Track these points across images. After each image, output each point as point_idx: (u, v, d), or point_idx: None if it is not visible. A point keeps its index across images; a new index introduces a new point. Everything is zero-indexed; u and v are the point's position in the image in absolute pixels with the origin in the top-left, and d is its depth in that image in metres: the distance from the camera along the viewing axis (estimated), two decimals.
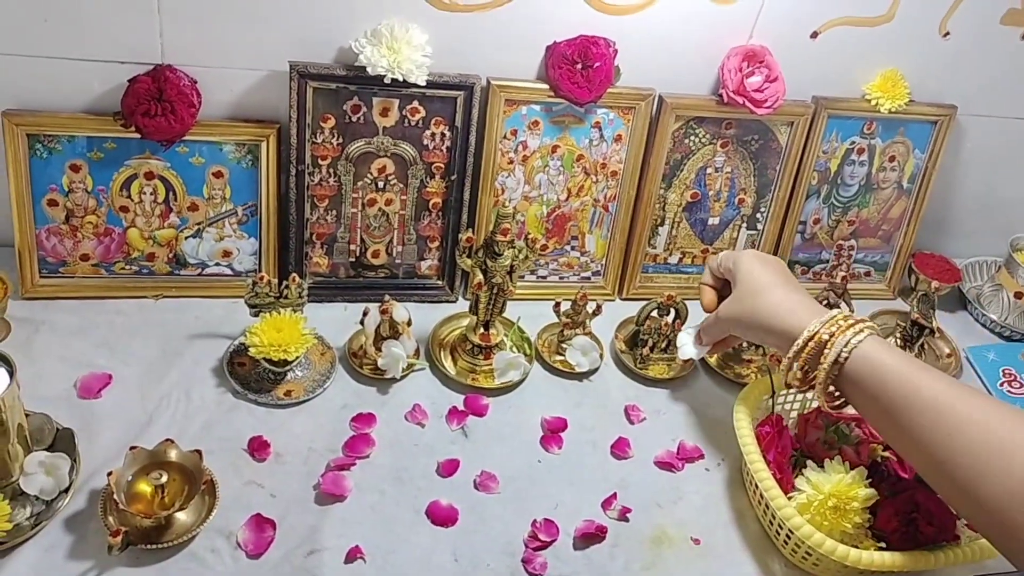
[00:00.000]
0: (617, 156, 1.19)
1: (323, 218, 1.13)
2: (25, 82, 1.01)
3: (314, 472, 0.93)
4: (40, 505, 0.83)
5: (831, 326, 0.84)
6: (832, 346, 0.83)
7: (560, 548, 0.90)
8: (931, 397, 0.77)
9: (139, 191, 1.08)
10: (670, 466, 1.01)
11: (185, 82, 1.03)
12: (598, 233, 1.24)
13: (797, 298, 0.90)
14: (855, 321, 0.84)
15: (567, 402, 1.08)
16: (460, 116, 1.10)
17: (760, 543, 0.94)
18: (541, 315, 1.16)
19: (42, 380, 0.97)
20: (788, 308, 0.88)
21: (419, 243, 1.18)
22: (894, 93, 1.23)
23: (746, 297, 0.93)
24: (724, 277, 0.99)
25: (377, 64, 1.02)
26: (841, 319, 0.84)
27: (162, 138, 1.04)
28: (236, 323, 1.08)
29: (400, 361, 1.04)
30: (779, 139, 1.23)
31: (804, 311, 0.87)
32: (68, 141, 1.04)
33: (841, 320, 0.84)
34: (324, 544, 0.86)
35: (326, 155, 1.09)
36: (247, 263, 1.14)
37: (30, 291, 1.08)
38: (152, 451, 0.85)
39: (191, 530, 0.83)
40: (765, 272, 0.93)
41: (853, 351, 0.82)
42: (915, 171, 1.31)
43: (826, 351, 0.83)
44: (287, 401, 1.00)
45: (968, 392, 0.78)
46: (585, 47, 1.09)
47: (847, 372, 0.82)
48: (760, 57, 1.15)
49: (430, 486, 0.94)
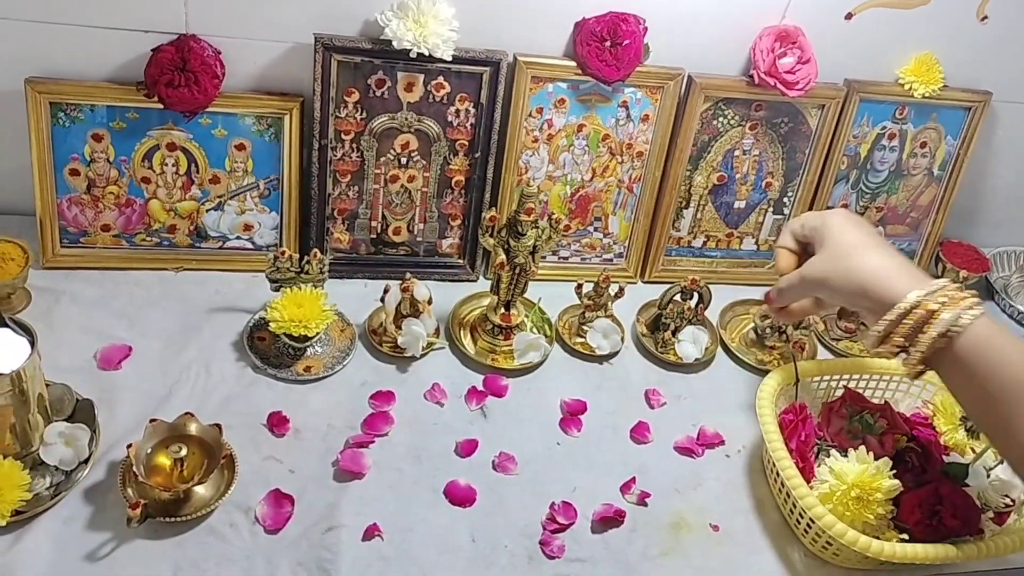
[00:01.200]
0: (644, 136, 1.17)
1: (345, 193, 1.12)
2: (48, 50, 1.01)
3: (333, 449, 0.92)
4: (60, 475, 0.84)
5: (940, 296, 0.75)
6: (937, 319, 0.74)
7: (578, 531, 0.89)
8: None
9: (161, 162, 1.07)
10: (690, 451, 1.00)
11: (209, 52, 1.02)
12: (622, 215, 1.22)
13: (898, 262, 0.81)
14: (967, 295, 0.76)
15: (587, 385, 1.07)
16: (485, 93, 1.08)
17: (780, 531, 0.93)
18: (562, 296, 1.15)
19: (62, 350, 0.97)
20: (888, 271, 0.79)
21: (441, 221, 1.17)
22: (928, 78, 1.20)
23: (839, 258, 0.83)
24: (807, 240, 0.89)
25: (403, 38, 1.01)
26: (952, 290, 0.76)
27: (185, 109, 1.03)
28: (256, 297, 1.07)
29: (420, 339, 1.03)
30: (809, 122, 1.21)
31: (907, 276, 0.78)
32: (91, 110, 1.03)
33: (952, 291, 0.76)
34: (342, 521, 0.85)
35: (349, 130, 1.08)
36: (268, 237, 1.14)
37: (51, 261, 1.07)
38: (172, 424, 0.85)
39: (209, 504, 0.83)
40: (860, 232, 0.84)
41: (966, 329, 0.74)
42: (946, 158, 1.29)
43: (931, 323, 0.75)
44: (306, 377, 1.00)
45: None
46: (614, 24, 1.07)
47: (954, 351, 0.74)
48: (793, 38, 1.13)
49: (448, 466, 0.94)
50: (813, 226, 0.87)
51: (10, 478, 0.79)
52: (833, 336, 1.21)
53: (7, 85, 1.01)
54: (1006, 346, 0.73)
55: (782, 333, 1.15)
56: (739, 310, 1.23)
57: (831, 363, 1.05)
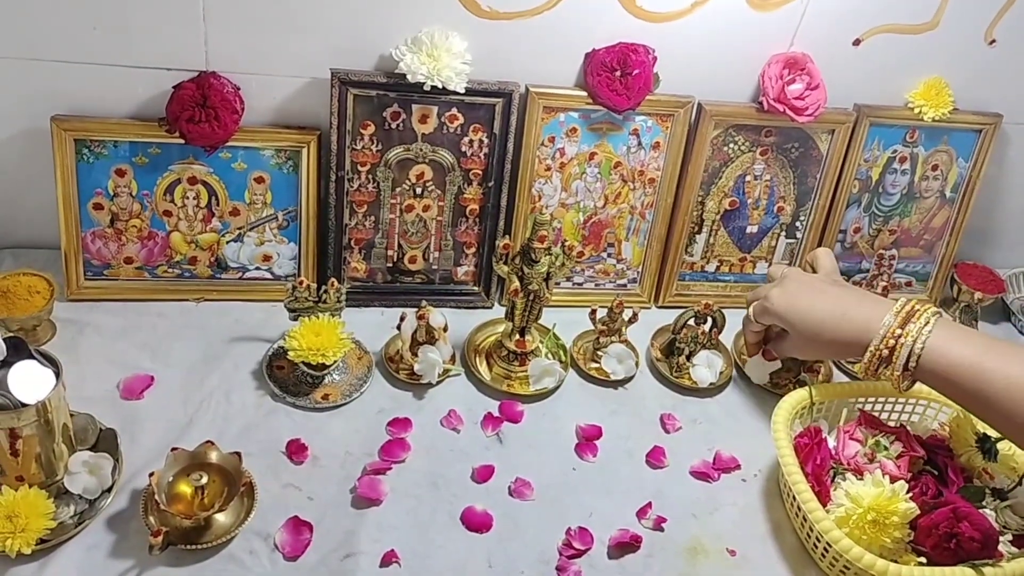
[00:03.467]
0: (655, 163, 1.18)
1: (361, 223, 1.14)
2: (73, 88, 1.03)
3: (351, 476, 0.93)
4: (83, 504, 0.85)
5: (895, 330, 0.88)
6: (901, 349, 0.87)
7: (594, 557, 0.90)
8: (1003, 387, 0.82)
9: (182, 196, 1.10)
10: (706, 476, 1.01)
11: (228, 89, 1.04)
12: (635, 240, 1.23)
13: (851, 316, 0.92)
14: (922, 310, 0.88)
15: (602, 410, 1.08)
16: (498, 123, 1.10)
17: (797, 555, 0.93)
18: (577, 322, 1.16)
19: (86, 381, 0.98)
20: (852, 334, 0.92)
21: (456, 249, 1.18)
22: (938, 101, 1.21)
23: (809, 344, 0.98)
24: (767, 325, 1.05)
25: (417, 71, 1.03)
26: (902, 315, 0.88)
27: (205, 144, 1.05)
28: (275, 327, 1.09)
29: (436, 366, 1.04)
30: (820, 147, 1.22)
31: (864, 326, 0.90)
32: (114, 146, 1.06)
33: (903, 315, 0.88)
34: (360, 548, 0.86)
35: (365, 161, 1.10)
36: (287, 267, 1.16)
37: (75, 293, 1.10)
38: (193, 452, 0.87)
39: (230, 531, 0.84)
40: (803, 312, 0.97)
41: (923, 350, 0.86)
42: (958, 180, 1.29)
43: (896, 354, 0.88)
44: (325, 405, 1.01)
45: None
46: (624, 54, 1.08)
47: (920, 369, 0.87)
48: (801, 64, 1.14)
49: (465, 492, 0.94)
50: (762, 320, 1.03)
51: (35, 507, 0.80)
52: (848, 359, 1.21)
53: (34, 123, 1.04)
54: (957, 353, 0.85)
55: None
56: None
57: (845, 386, 1.05)
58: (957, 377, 0.85)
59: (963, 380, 0.84)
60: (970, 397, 0.85)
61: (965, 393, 0.85)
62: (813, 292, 0.97)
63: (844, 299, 0.95)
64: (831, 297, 0.96)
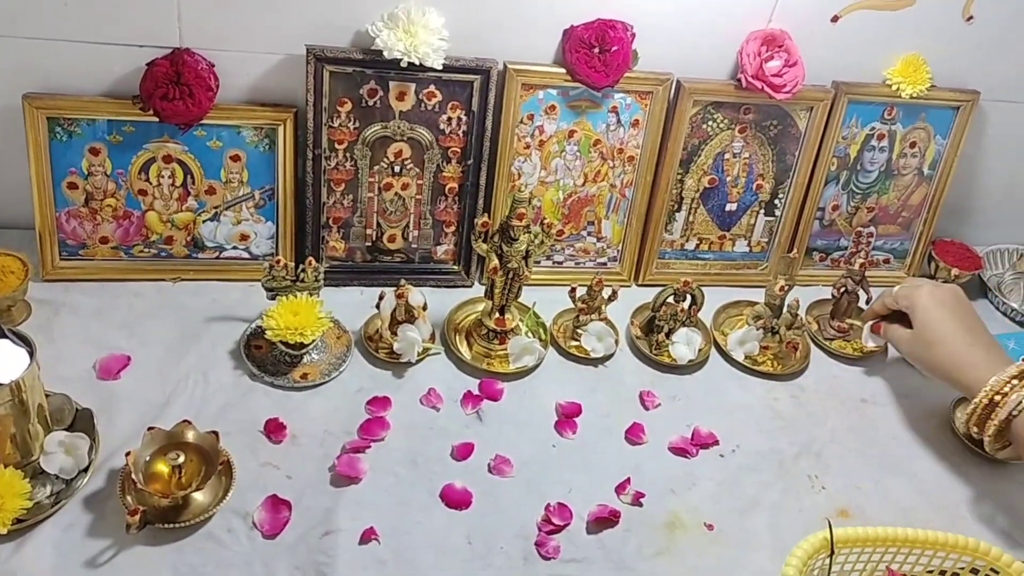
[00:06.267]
0: (634, 141, 1.18)
1: (339, 202, 1.13)
2: (45, 66, 1.02)
3: (330, 454, 0.93)
4: (60, 484, 0.85)
5: (1005, 385, 0.92)
6: (1004, 405, 0.91)
7: (573, 532, 0.90)
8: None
9: (157, 174, 1.09)
10: (684, 452, 1.01)
11: (203, 66, 1.03)
12: (614, 219, 1.23)
13: (975, 350, 0.97)
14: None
15: (582, 387, 1.08)
16: (477, 100, 1.10)
17: (774, 530, 0.94)
18: (557, 300, 1.16)
19: (62, 361, 0.98)
20: (965, 363, 0.97)
21: (435, 228, 1.18)
22: (915, 78, 1.21)
23: (925, 345, 1.01)
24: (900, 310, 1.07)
25: (394, 48, 1.02)
26: (1015, 377, 0.92)
27: (180, 122, 1.04)
28: (253, 306, 1.09)
29: (415, 345, 1.04)
30: (798, 124, 1.22)
31: (982, 365, 0.95)
32: (88, 124, 1.04)
33: (1015, 379, 0.92)
34: (339, 525, 0.86)
35: (343, 139, 1.09)
36: (264, 247, 1.15)
37: (50, 273, 1.09)
38: (170, 432, 0.86)
39: (208, 510, 0.84)
40: (942, 318, 1.00)
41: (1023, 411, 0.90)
42: (936, 157, 1.30)
43: (998, 409, 0.92)
44: (303, 384, 1.01)
45: None
46: (603, 31, 1.08)
47: (1016, 427, 0.91)
48: (779, 41, 1.14)
49: (444, 469, 0.94)
50: (904, 305, 1.05)
51: (11, 487, 0.80)
52: (827, 336, 1.21)
53: (5, 101, 1.03)
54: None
55: (775, 333, 1.16)
56: (733, 311, 1.24)
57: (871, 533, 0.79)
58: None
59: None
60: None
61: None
62: (958, 308, 1.02)
63: (981, 335, 1.00)
64: (971, 323, 1.01)
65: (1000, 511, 1.00)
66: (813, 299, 1.28)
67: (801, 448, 1.04)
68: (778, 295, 1.14)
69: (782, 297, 1.14)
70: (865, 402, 1.13)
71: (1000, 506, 1.00)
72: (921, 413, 1.11)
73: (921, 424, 1.09)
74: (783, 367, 1.15)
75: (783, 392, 1.12)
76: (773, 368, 1.15)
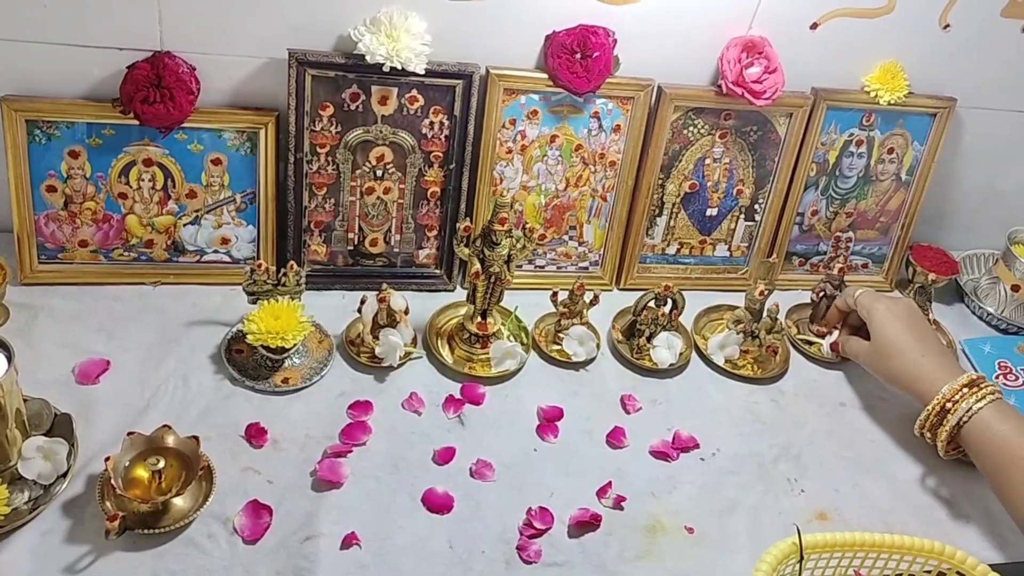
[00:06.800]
0: (616, 146, 1.19)
1: (321, 206, 1.13)
2: (24, 68, 1.01)
3: (311, 459, 0.93)
4: (38, 490, 0.84)
5: (956, 394, 0.98)
6: (955, 412, 0.97)
7: (555, 536, 0.90)
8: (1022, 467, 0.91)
9: (138, 178, 1.08)
10: (665, 455, 1.02)
11: (184, 69, 1.03)
12: (596, 223, 1.24)
13: (927, 361, 1.02)
14: (979, 387, 0.97)
15: (563, 391, 1.08)
16: (459, 105, 1.10)
17: (753, 532, 0.94)
18: (538, 305, 1.17)
19: (41, 365, 0.97)
20: (919, 373, 1.02)
21: (417, 232, 1.18)
22: (893, 85, 1.23)
23: (882, 358, 1.06)
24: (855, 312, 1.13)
25: (376, 52, 1.02)
26: (966, 386, 0.98)
27: (160, 125, 1.04)
28: (234, 310, 1.08)
29: (397, 349, 1.04)
30: (778, 130, 1.23)
31: (935, 375, 1.00)
32: (67, 127, 1.04)
33: (965, 387, 0.98)
34: (320, 530, 0.86)
35: (324, 143, 1.09)
36: (245, 251, 1.15)
37: (29, 277, 1.08)
38: (149, 437, 0.86)
39: (188, 515, 0.83)
40: (897, 332, 1.05)
41: (973, 417, 0.96)
42: (914, 163, 1.31)
43: (949, 416, 0.97)
44: (284, 388, 1.01)
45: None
46: (584, 37, 1.08)
47: (963, 434, 0.97)
48: (759, 48, 1.15)
49: (426, 474, 0.94)
50: (864, 315, 1.10)
51: None
52: (805, 340, 1.22)
53: None
54: (998, 428, 0.94)
55: (755, 337, 1.16)
56: (713, 315, 1.25)
57: (838, 538, 0.80)
58: (991, 446, 0.94)
59: (995, 449, 0.94)
60: (995, 467, 0.94)
61: (993, 463, 0.94)
62: (912, 321, 1.07)
63: (934, 346, 1.05)
64: (924, 336, 1.05)
65: (976, 513, 1.01)
66: (793, 303, 1.29)
67: (780, 451, 1.05)
68: (758, 299, 1.15)
69: (762, 301, 1.15)
70: (844, 405, 1.14)
71: (976, 508, 1.01)
72: (898, 416, 1.11)
73: (898, 427, 1.10)
74: (763, 371, 1.16)
75: (763, 396, 1.13)
76: (753, 372, 1.16)
